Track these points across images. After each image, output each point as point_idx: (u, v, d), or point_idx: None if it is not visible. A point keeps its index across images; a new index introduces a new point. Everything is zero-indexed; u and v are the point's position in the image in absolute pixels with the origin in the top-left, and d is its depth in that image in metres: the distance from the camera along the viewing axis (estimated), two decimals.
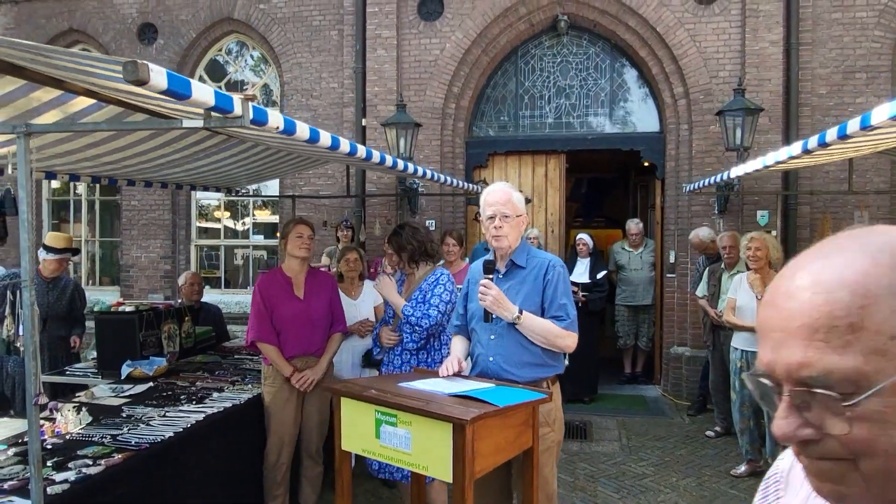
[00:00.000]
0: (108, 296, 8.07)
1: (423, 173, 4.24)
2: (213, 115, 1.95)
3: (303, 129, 2.37)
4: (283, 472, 3.63)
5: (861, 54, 6.49)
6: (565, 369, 2.82)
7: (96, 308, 4.65)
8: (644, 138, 7.20)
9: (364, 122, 7.22)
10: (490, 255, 2.81)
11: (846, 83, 6.54)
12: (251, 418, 3.57)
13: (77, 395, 3.70)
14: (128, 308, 4.40)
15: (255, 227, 8.33)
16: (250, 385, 3.90)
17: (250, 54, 8.11)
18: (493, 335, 2.65)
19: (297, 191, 7.41)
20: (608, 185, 11.76)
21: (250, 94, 7.34)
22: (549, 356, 2.67)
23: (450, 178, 5.05)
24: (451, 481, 2.13)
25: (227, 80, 8.11)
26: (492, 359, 2.66)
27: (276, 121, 2.15)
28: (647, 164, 7.73)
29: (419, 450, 2.22)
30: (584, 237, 6.83)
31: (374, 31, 7.16)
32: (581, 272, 6.62)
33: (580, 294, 6.33)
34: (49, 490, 2.30)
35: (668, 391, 6.92)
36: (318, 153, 3.80)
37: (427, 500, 3.22)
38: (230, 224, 8.39)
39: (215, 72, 8.16)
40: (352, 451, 2.49)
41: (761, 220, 6.41)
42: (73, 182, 4.54)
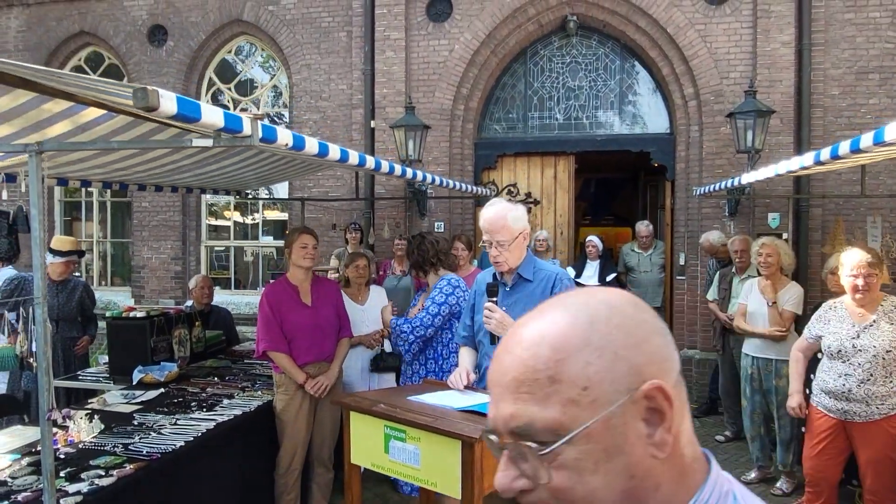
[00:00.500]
0: (119, 296, 8.13)
1: (432, 180, 4.23)
2: (223, 134, 1.96)
3: (312, 145, 2.37)
4: (295, 479, 3.66)
5: (874, 55, 6.42)
6: None
7: (108, 313, 4.67)
8: (654, 139, 7.16)
9: (373, 123, 7.22)
10: (495, 270, 2.80)
11: (859, 84, 6.47)
12: (261, 426, 3.60)
13: (90, 401, 3.73)
14: (139, 313, 4.42)
15: (265, 227, 8.36)
16: (260, 391, 3.93)
17: (260, 53, 8.12)
18: None
19: (306, 193, 7.43)
20: (617, 184, 11.72)
21: (260, 113, 7.34)
22: None
23: (457, 183, 5.04)
24: (459, 498, 2.14)
25: (238, 81, 8.13)
26: None
27: (285, 138, 2.16)
28: (656, 165, 7.69)
29: (428, 465, 2.22)
30: (593, 239, 6.80)
31: (382, 33, 7.15)
32: (590, 275, 6.61)
33: None
34: (62, 502, 2.33)
35: None
36: (327, 162, 3.82)
37: None
38: (240, 220, 8.42)
39: (225, 72, 8.18)
40: (361, 465, 2.50)
41: (772, 223, 6.36)
42: (84, 187, 4.59)
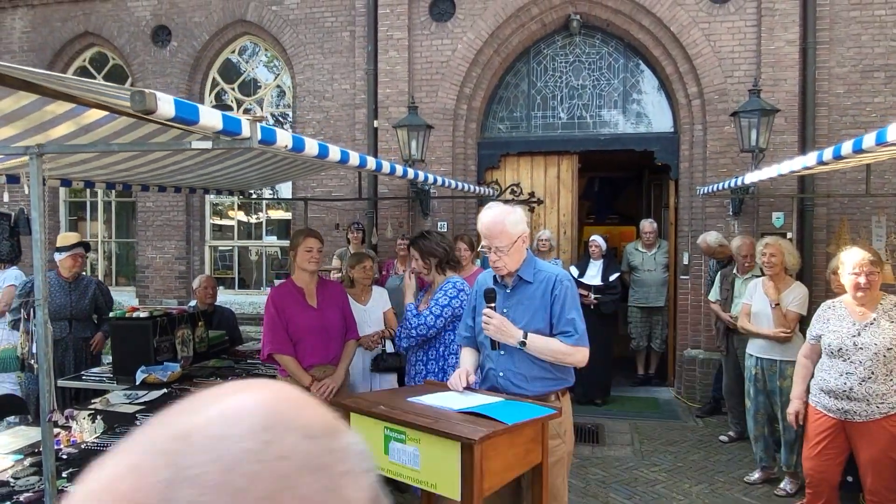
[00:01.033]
0: (124, 296, 8.16)
1: (434, 180, 4.23)
2: (222, 136, 1.96)
3: (311, 146, 2.37)
4: None
5: (879, 53, 6.38)
6: (577, 371, 2.80)
7: (112, 313, 4.69)
8: (658, 139, 7.13)
9: (376, 123, 7.22)
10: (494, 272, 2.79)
11: (864, 82, 6.43)
12: None
13: (93, 401, 3.75)
14: (142, 313, 4.44)
15: (269, 226, 8.37)
16: None
17: (264, 54, 8.13)
18: (503, 350, 2.65)
19: (309, 192, 7.43)
20: (621, 182, 11.69)
21: (259, 115, 7.35)
22: (558, 370, 2.66)
23: (459, 183, 5.04)
24: (459, 499, 2.14)
25: (242, 81, 8.14)
26: (501, 374, 2.66)
27: (284, 140, 2.16)
28: (660, 164, 7.66)
29: (428, 467, 2.22)
30: (596, 239, 6.78)
31: (385, 33, 7.15)
32: (593, 274, 6.59)
33: (592, 297, 6.30)
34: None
35: (682, 394, 6.88)
36: (328, 163, 3.82)
37: None
38: (244, 219, 8.44)
39: (229, 72, 8.19)
40: None
41: (776, 223, 6.33)
42: (88, 188, 4.60)
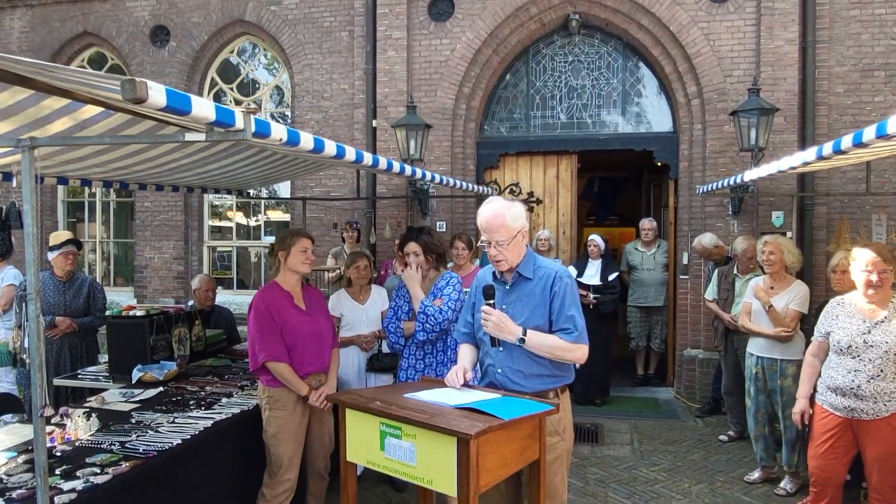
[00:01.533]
0: (122, 297, 8.14)
1: (432, 177, 4.21)
2: (216, 128, 1.94)
3: (307, 140, 2.35)
4: (290, 499, 3.41)
5: (879, 52, 6.37)
6: (577, 370, 2.79)
7: (108, 312, 4.67)
8: (657, 138, 7.12)
9: (374, 123, 7.21)
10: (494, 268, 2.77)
11: (864, 81, 6.42)
12: (260, 424, 3.56)
13: (88, 399, 3.72)
14: (139, 312, 4.42)
15: (268, 227, 8.35)
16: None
17: (263, 54, 8.12)
18: (501, 347, 2.63)
19: (308, 192, 7.42)
20: (621, 183, 11.67)
21: (253, 107, 7.33)
22: (557, 367, 2.64)
23: (458, 182, 5.02)
24: (455, 496, 2.12)
25: (241, 81, 8.13)
26: (500, 370, 2.64)
27: (279, 133, 2.14)
28: (660, 164, 7.65)
29: (424, 463, 2.20)
30: (595, 238, 6.76)
31: (384, 32, 7.14)
32: (592, 274, 6.57)
33: (591, 297, 6.28)
34: (56, 500, 2.31)
35: (682, 393, 6.86)
36: (326, 158, 3.80)
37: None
38: (242, 221, 8.42)
39: (228, 73, 8.19)
40: (356, 462, 2.48)
41: (776, 222, 6.31)
42: (84, 186, 4.58)
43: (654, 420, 6.17)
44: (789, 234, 6.08)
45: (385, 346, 4.40)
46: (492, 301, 2.60)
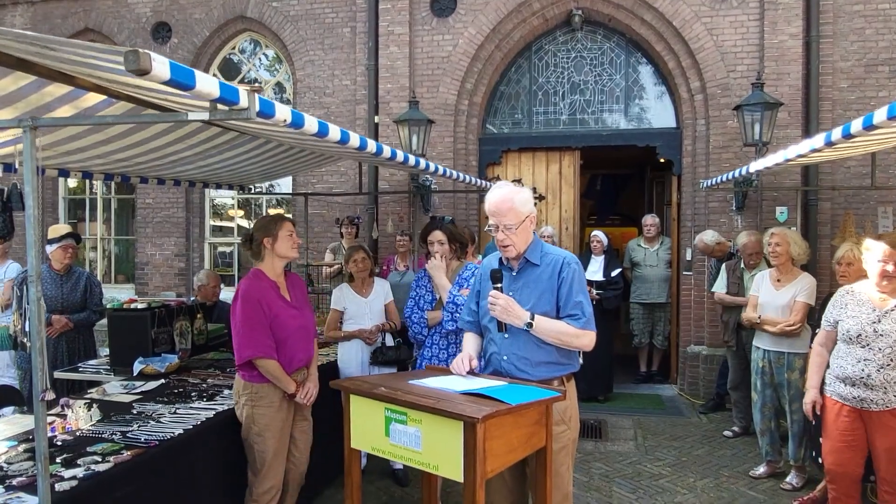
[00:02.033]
0: (123, 294, 8.11)
1: (435, 169, 4.18)
2: (219, 107, 1.92)
3: (311, 123, 2.33)
4: (277, 497, 3.27)
5: (884, 47, 6.35)
6: (580, 366, 2.76)
7: (109, 305, 4.64)
8: (660, 134, 7.10)
9: (377, 119, 7.19)
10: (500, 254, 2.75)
11: (868, 76, 6.40)
12: None
13: (89, 391, 3.69)
14: (140, 305, 4.39)
15: None
16: None
17: (263, 53, 8.11)
18: (507, 334, 2.59)
19: (309, 188, 7.39)
20: (623, 181, 11.64)
21: (257, 86, 7.33)
22: (563, 355, 2.61)
23: (461, 175, 4.99)
24: (462, 481, 2.09)
25: (241, 78, 8.11)
26: (506, 358, 2.60)
27: (283, 114, 2.11)
28: (663, 160, 7.62)
29: (429, 448, 2.17)
30: (598, 234, 6.74)
31: (386, 28, 7.12)
32: (595, 270, 6.53)
33: (594, 292, 6.25)
34: (57, 487, 2.28)
35: (685, 390, 6.82)
36: (329, 148, 3.77)
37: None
38: (244, 224, 8.41)
39: (229, 71, 8.17)
40: (361, 449, 2.45)
41: (780, 217, 6.28)
42: (86, 179, 4.55)
43: (657, 416, 6.13)
44: (793, 230, 6.04)
45: (389, 340, 4.37)
46: (499, 285, 2.57)
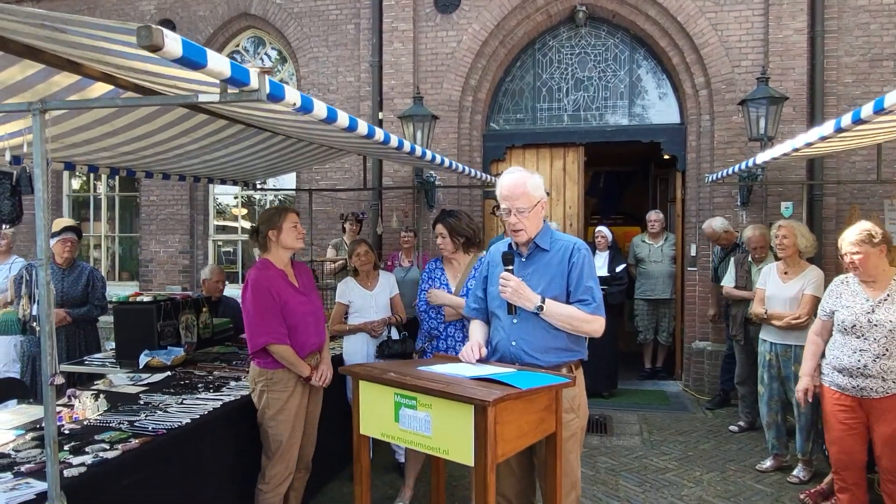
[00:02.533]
0: (127, 291, 8.10)
1: (441, 161, 4.18)
2: (230, 89, 1.91)
3: (320, 108, 2.32)
4: (287, 487, 3.31)
5: (888, 42, 6.33)
6: (585, 361, 2.75)
7: (114, 298, 4.63)
8: (664, 130, 7.08)
9: (381, 115, 7.19)
10: (511, 240, 2.74)
11: (873, 71, 6.38)
12: None
13: (95, 383, 3.69)
14: (146, 298, 4.39)
15: None
16: None
17: (265, 52, 8.11)
18: (516, 319, 2.58)
19: (313, 185, 7.39)
20: (626, 179, 11.61)
21: (267, 67, 7.28)
22: (572, 341, 2.60)
23: (467, 168, 4.99)
24: (472, 465, 2.08)
25: None
26: (514, 343, 2.59)
27: (293, 97, 2.11)
28: (667, 156, 7.61)
29: (440, 433, 2.16)
30: (602, 230, 6.74)
31: (390, 25, 7.12)
32: (599, 265, 6.52)
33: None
34: (66, 473, 2.28)
35: (690, 386, 6.80)
36: (334, 138, 3.77)
37: None
38: (247, 225, 8.42)
39: None
40: (370, 435, 2.44)
41: (785, 212, 6.27)
42: (91, 173, 4.56)
43: (662, 412, 6.12)
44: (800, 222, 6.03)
45: (395, 333, 4.36)
46: (511, 267, 2.57)
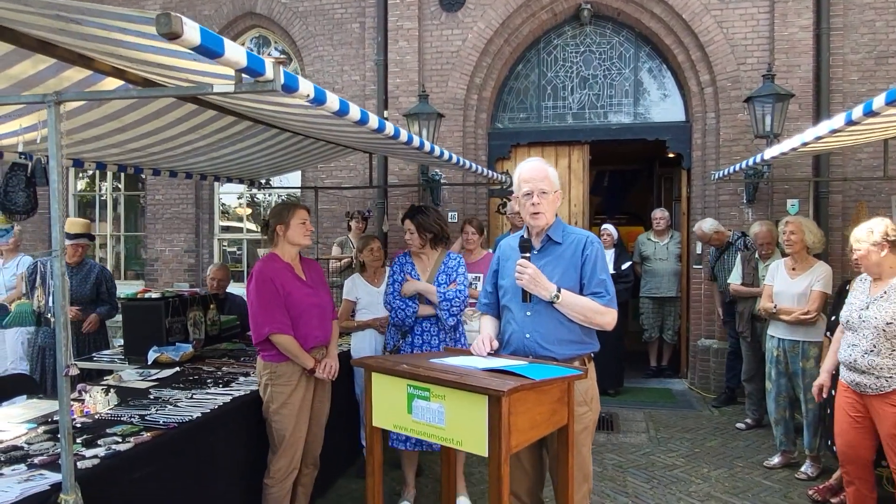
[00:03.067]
0: (132, 289, 8.10)
1: (449, 157, 4.19)
2: (244, 78, 1.91)
3: (332, 100, 2.32)
4: (292, 482, 3.28)
5: (894, 39, 6.32)
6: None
7: (122, 294, 4.65)
8: (669, 128, 7.08)
9: (386, 113, 7.19)
10: (523, 233, 2.75)
11: (878, 69, 6.37)
12: None
13: (104, 378, 3.70)
14: (154, 294, 4.40)
15: None
16: None
17: (270, 52, 8.11)
18: (530, 311, 2.59)
19: (319, 183, 7.39)
20: (631, 178, 11.61)
21: (282, 57, 7.30)
22: (585, 333, 2.61)
23: (474, 165, 5.00)
24: (486, 455, 2.08)
25: None
26: (528, 335, 2.59)
27: (306, 88, 2.11)
28: (671, 155, 7.61)
29: (453, 424, 2.16)
30: (608, 227, 6.74)
31: (395, 23, 7.13)
32: None
33: None
34: (79, 465, 2.28)
35: (696, 384, 6.80)
36: (343, 134, 3.77)
37: None
38: (252, 227, 8.43)
39: None
40: (382, 427, 2.44)
41: (791, 210, 6.26)
42: (99, 170, 4.56)
43: (668, 409, 6.11)
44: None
45: None
46: (528, 255, 2.57)
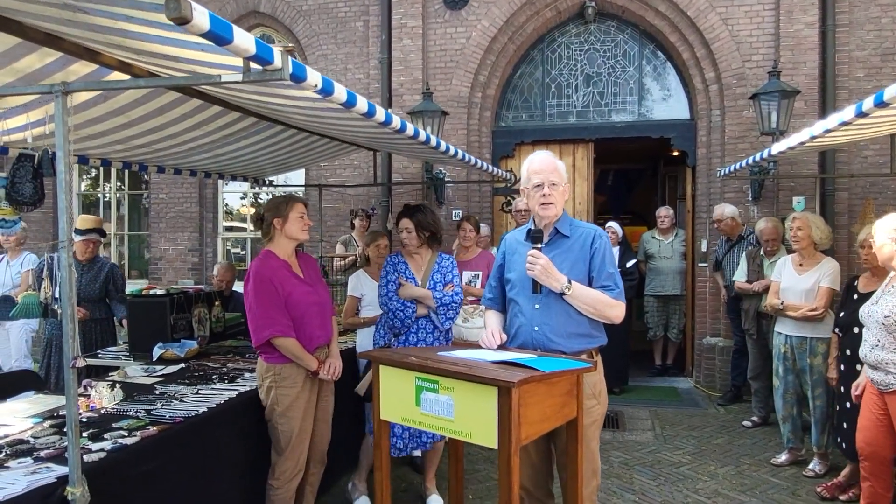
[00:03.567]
0: (136, 288, 8.12)
1: (455, 153, 4.18)
2: (253, 67, 1.90)
3: (340, 91, 2.31)
4: (297, 484, 3.21)
5: None
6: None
7: (127, 291, 4.65)
8: (674, 125, 7.06)
9: (390, 111, 7.17)
10: (531, 225, 2.73)
11: (884, 66, 6.35)
12: None
13: (110, 374, 3.69)
14: (159, 291, 4.39)
15: None
16: None
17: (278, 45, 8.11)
18: (538, 304, 2.57)
19: (322, 182, 7.39)
20: (635, 177, 11.58)
21: (290, 46, 7.27)
22: (593, 326, 2.60)
23: (480, 161, 4.98)
24: (496, 447, 2.06)
25: None
26: (537, 328, 2.58)
27: (314, 78, 2.10)
28: (676, 153, 7.58)
29: (462, 416, 2.15)
30: (612, 225, 6.72)
31: (399, 21, 7.12)
32: None
33: None
34: (86, 458, 2.27)
35: (701, 382, 6.77)
36: (348, 128, 3.76)
37: None
38: (255, 234, 8.43)
39: None
40: (391, 420, 2.42)
41: (797, 207, 6.23)
42: (104, 167, 4.56)
43: (674, 408, 6.09)
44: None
45: None
46: (539, 245, 2.56)
